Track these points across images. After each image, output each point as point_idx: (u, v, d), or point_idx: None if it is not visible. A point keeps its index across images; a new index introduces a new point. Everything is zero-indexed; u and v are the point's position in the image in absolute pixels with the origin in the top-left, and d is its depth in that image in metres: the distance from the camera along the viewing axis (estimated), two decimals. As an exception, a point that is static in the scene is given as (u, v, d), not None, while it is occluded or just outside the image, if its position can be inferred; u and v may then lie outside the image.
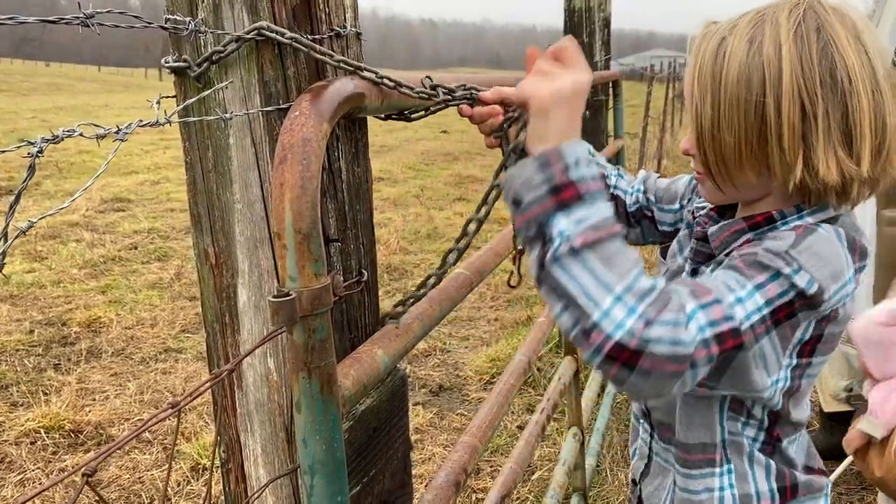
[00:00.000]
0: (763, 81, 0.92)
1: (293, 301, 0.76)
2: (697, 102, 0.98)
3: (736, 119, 0.95)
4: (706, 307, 0.85)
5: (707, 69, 0.97)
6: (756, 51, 0.93)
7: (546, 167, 0.84)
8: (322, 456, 0.84)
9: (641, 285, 0.82)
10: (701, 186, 1.09)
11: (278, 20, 0.86)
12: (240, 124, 0.89)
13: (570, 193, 0.83)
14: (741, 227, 1.04)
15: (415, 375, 4.20)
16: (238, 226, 0.94)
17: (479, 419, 1.46)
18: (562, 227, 0.82)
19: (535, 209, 0.84)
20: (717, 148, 0.98)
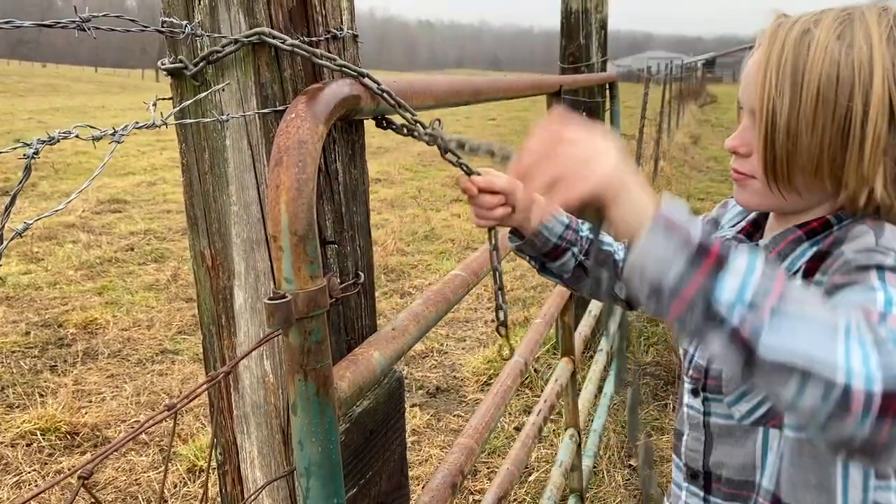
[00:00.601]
0: (852, 81, 0.84)
1: (289, 303, 0.76)
2: (772, 95, 0.88)
3: (819, 119, 0.86)
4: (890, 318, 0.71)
5: (788, 59, 0.87)
6: (847, 48, 0.85)
7: (670, 229, 0.71)
8: (318, 458, 0.84)
9: (850, 313, 0.69)
10: (740, 189, 0.99)
11: (275, 22, 0.87)
12: (236, 126, 0.89)
13: (715, 248, 0.70)
14: (797, 235, 0.95)
15: (412, 377, 4.20)
16: (234, 228, 0.94)
17: (476, 420, 1.46)
18: (731, 292, 0.68)
19: (690, 287, 0.69)
20: (791, 148, 0.88)
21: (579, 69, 3.92)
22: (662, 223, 0.72)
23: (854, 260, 0.83)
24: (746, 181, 0.97)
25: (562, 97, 2.27)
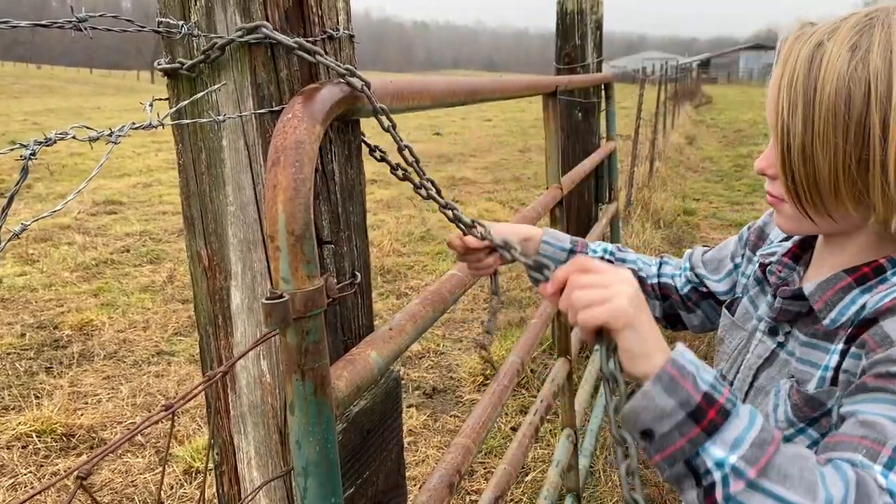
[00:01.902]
0: (867, 96, 0.79)
1: (286, 303, 0.76)
2: (785, 116, 0.84)
3: (832, 139, 0.81)
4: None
5: (799, 77, 0.83)
6: (861, 60, 0.80)
7: (674, 389, 0.73)
8: (316, 458, 0.84)
9: (832, 489, 0.69)
10: (776, 213, 0.95)
11: (271, 23, 0.87)
12: (233, 126, 0.90)
13: (713, 413, 0.72)
14: (846, 283, 0.89)
15: (408, 377, 4.20)
16: (231, 228, 0.94)
17: (473, 420, 1.46)
18: (718, 456, 0.71)
19: (679, 442, 0.72)
20: (809, 171, 0.84)
21: (575, 70, 3.92)
22: (667, 378, 0.74)
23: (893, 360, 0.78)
24: (779, 204, 0.94)
25: (558, 98, 2.27)
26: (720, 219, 8.01)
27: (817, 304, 0.91)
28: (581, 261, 0.83)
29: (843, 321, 0.89)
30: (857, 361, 0.84)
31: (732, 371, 1.06)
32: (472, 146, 15.13)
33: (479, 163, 12.58)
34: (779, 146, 0.87)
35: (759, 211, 8.19)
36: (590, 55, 3.91)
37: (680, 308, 1.24)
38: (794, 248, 1.03)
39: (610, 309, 0.78)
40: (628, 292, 0.79)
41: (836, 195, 0.84)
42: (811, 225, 0.91)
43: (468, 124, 20.47)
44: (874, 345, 0.81)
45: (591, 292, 0.79)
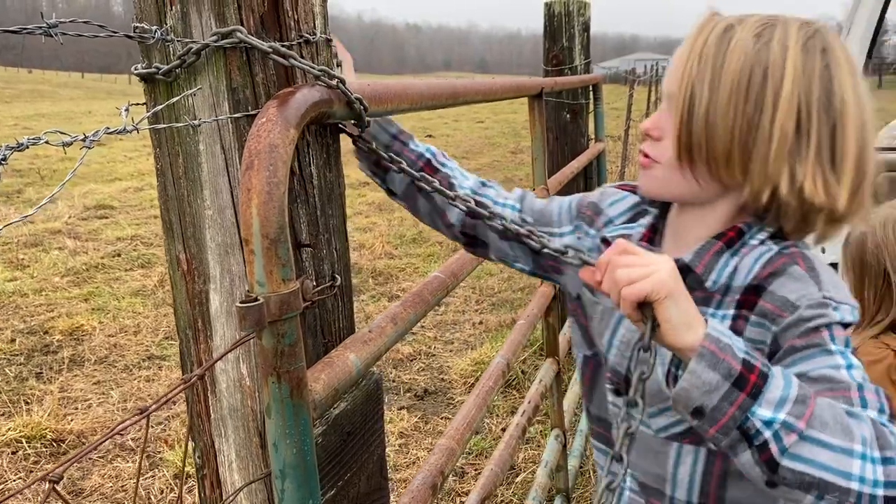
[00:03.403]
0: (765, 78, 0.89)
1: (261, 306, 0.77)
2: (693, 81, 0.92)
3: (733, 108, 0.90)
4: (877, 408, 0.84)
5: (710, 51, 0.92)
6: (763, 46, 0.90)
7: (716, 364, 0.79)
8: (293, 460, 0.84)
9: (862, 431, 0.79)
10: (645, 175, 1.02)
11: (246, 27, 0.87)
12: (209, 131, 0.90)
13: (754, 377, 0.79)
14: (718, 247, 0.98)
15: (399, 380, 4.20)
16: (209, 232, 0.94)
17: (458, 421, 1.46)
18: (767, 416, 0.78)
19: (730, 410, 0.79)
20: (708, 134, 0.92)
21: (562, 72, 3.93)
22: (708, 354, 0.79)
23: (808, 319, 0.89)
24: (651, 166, 1.01)
25: (544, 99, 2.28)
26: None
27: (699, 269, 0.97)
28: (621, 244, 0.87)
29: (722, 282, 0.97)
30: (762, 330, 0.92)
31: (606, 345, 1.10)
32: (464, 148, 15.14)
33: (471, 164, 12.59)
34: (681, 109, 0.93)
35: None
36: (577, 57, 3.93)
37: (492, 231, 1.20)
38: (647, 233, 1.09)
39: (652, 281, 0.81)
40: (667, 268, 0.83)
41: (728, 160, 0.92)
42: (678, 189, 0.99)
43: (460, 126, 20.48)
44: (778, 311, 0.91)
45: (632, 270, 0.83)
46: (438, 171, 1.22)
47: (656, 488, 1.07)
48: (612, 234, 1.12)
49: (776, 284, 0.92)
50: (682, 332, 0.81)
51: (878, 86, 42.37)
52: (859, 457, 0.78)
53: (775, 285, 0.92)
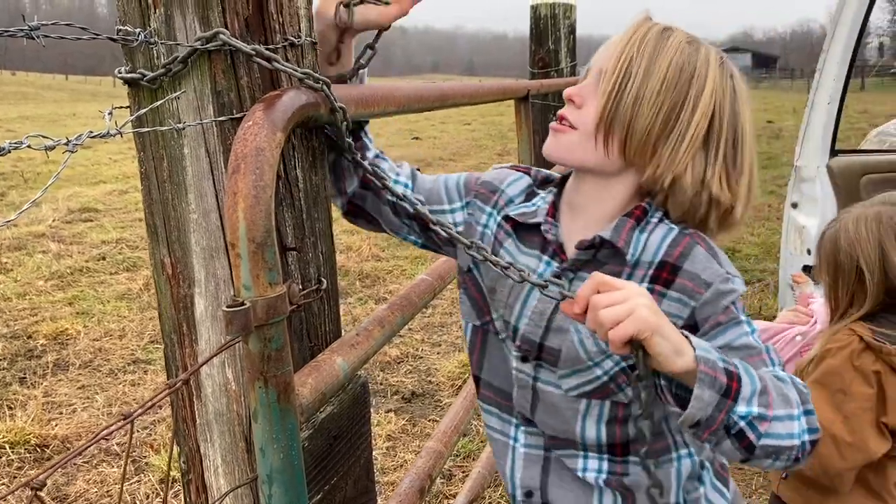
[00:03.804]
0: (691, 79, 1.02)
1: (247, 311, 0.76)
2: (630, 64, 1.02)
3: (661, 96, 1.01)
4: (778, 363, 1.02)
5: (650, 41, 1.02)
6: (693, 52, 1.03)
7: (713, 383, 0.89)
8: (280, 465, 0.84)
9: (792, 394, 0.96)
10: (556, 138, 1.08)
11: (230, 31, 0.87)
12: (194, 134, 0.89)
13: (735, 384, 0.90)
14: (631, 224, 1.07)
15: (387, 382, 4.19)
16: (194, 235, 0.93)
17: (445, 425, 1.46)
18: (742, 411, 0.90)
19: (720, 416, 0.89)
20: (633, 112, 1.02)
21: (549, 74, 3.94)
22: (707, 378, 0.88)
23: (722, 295, 1.02)
24: (566, 131, 1.07)
25: (529, 102, 2.29)
26: (697, 220, 8.09)
27: (620, 243, 1.05)
28: (596, 278, 0.90)
29: (637, 256, 1.06)
30: (681, 305, 1.03)
31: (515, 316, 1.15)
32: (451, 150, 15.15)
33: (458, 167, 12.59)
34: (614, 84, 1.02)
35: (735, 212, 8.27)
36: (563, 59, 3.94)
37: (384, 205, 1.21)
38: (550, 208, 1.15)
39: (636, 321, 0.86)
40: (645, 303, 0.88)
41: (645, 140, 1.02)
42: (584, 155, 1.06)
43: (447, 128, 20.49)
44: (696, 287, 1.02)
45: (614, 310, 0.87)
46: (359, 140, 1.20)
47: (566, 439, 1.15)
48: (515, 212, 1.17)
49: (688, 263, 1.03)
50: (673, 361, 0.88)
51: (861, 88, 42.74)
52: (797, 417, 0.94)
53: (687, 264, 1.03)
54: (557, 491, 1.18)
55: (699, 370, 0.88)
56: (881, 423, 1.49)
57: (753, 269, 6.00)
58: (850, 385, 1.50)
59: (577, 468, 1.15)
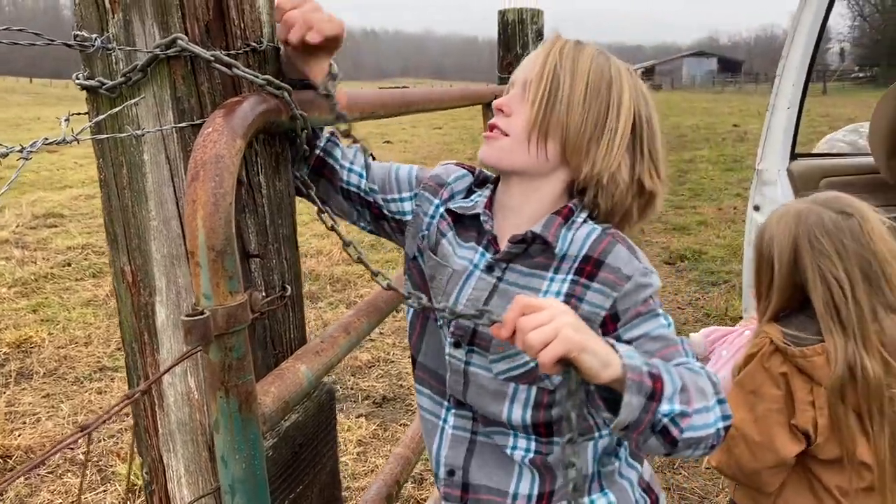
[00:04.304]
0: (610, 85, 1.11)
1: (207, 320, 0.76)
2: (556, 72, 1.10)
3: (588, 102, 1.10)
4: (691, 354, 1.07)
5: (569, 52, 1.11)
6: (606, 60, 1.13)
7: (640, 389, 0.93)
8: (242, 475, 0.83)
9: (707, 386, 1.01)
10: (490, 145, 1.15)
11: (191, 36, 0.86)
12: (154, 141, 0.88)
13: (659, 385, 0.95)
14: (559, 222, 1.13)
15: (358, 387, 4.17)
16: (154, 243, 0.92)
17: (413, 430, 1.46)
18: (666, 410, 0.95)
19: (647, 418, 0.94)
20: (566, 116, 1.09)
21: (518, 78, 3.94)
22: (634, 385, 0.92)
23: (641, 287, 1.08)
24: (499, 137, 1.14)
25: (497, 106, 2.29)
26: (664, 222, 8.14)
27: (550, 238, 1.12)
28: (520, 301, 0.93)
29: (565, 250, 1.13)
30: (604, 297, 1.08)
31: (452, 303, 1.20)
32: (422, 154, 15.15)
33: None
34: (543, 91, 1.10)
35: (703, 214, 8.36)
36: (532, 64, 3.95)
37: (336, 193, 1.26)
38: (487, 202, 1.22)
39: (563, 342, 0.89)
40: (570, 321, 0.91)
41: (578, 142, 1.10)
42: (519, 159, 1.13)
43: (418, 132, 20.48)
44: (618, 280, 1.08)
45: (542, 331, 0.90)
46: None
47: (494, 420, 1.19)
48: (455, 206, 1.24)
49: (611, 258, 1.10)
50: (602, 373, 0.92)
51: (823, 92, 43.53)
52: (713, 408, 0.99)
53: (610, 259, 1.10)
54: (478, 472, 1.23)
55: (627, 377, 0.92)
56: (792, 424, 1.49)
57: (720, 270, 6.08)
58: (761, 387, 1.51)
59: (507, 445, 1.20)
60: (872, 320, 1.44)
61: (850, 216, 1.48)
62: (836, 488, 1.49)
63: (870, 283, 1.45)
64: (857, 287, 1.45)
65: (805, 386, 1.47)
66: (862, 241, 1.46)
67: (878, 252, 1.45)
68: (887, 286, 1.45)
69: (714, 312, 5.05)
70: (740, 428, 1.51)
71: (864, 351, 1.42)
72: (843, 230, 1.47)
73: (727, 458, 1.55)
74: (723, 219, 8.04)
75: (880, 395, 1.42)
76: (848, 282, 1.45)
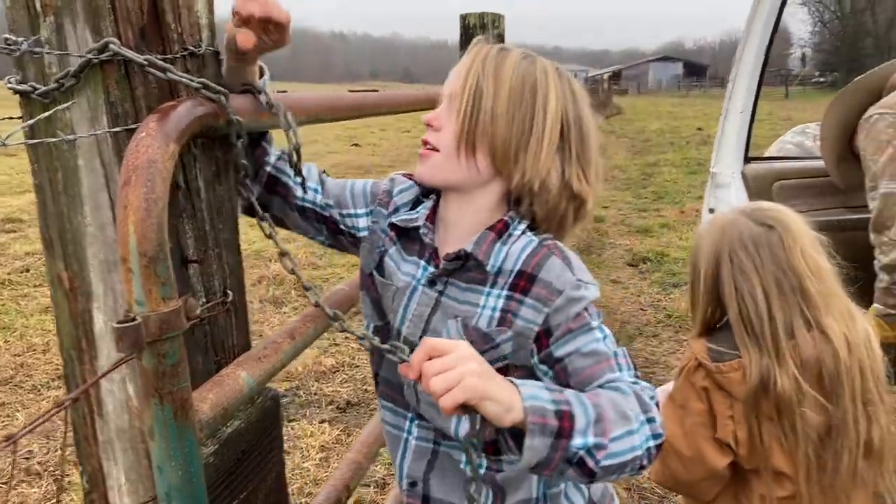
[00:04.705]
0: (534, 90, 1.09)
1: (138, 327, 0.75)
2: (479, 83, 1.08)
3: (513, 110, 1.08)
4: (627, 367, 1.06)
5: (491, 61, 1.09)
6: (530, 65, 1.10)
7: (543, 431, 0.91)
8: (178, 482, 0.82)
9: (632, 407, 0.98)
10: (423, 163, 1.15)
11: (124, 40, 0.85)
12: (88, 146, 0.87)
13: (567, 423, 0.92)
14: (492, 237, 1.13)
15: (321, 392, 4.15)
16: (90, 249, 0.91)
17: (366, 435, 1.46)
18: (579, 443, 0.93)
19: (557, 456, 0.92)
20: (492, 127, 1.08)
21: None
22: (537, 429, 0.91)
23: (572, 301, 1.06)
24: (430, 154, 1.14)
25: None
26: (628, 225, 8.23)
27: (480, 255, 1.11)
28: (427, 344, 0.93)
29: (498, 266, 1.12)
30: (536, 312, 1.08)
31: (399, 320, 1.20)
32: (391, 157, 15.13)
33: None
34: (468, 103, 1.09)
35: (666, 217, 8.46)
36: (493, 68, 3.96)
37: (291, 210, 1.27)
38: (430, 214, 1.21)
39: (464, 390, 0.89)
40: (473, 369, 0.90)
41: (506, 151, 1.09)
42: (453, 175, 1.13)
43: (387, 135, 20.45)
44: (549, 295, 1.07)
45: (444, 378, 0.90)
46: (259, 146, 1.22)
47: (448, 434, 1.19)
48: (398, 219, 1.23)
49: (543, 272, 1.09)
50: (504, 418, 0.91)
51: (786, 96, 44.30)
52: (637, 430, 0.97)
53: (543, 273, 1.09)
54: (438, 484, 1.24)
55: (528, 421, 0.91)
56: (715, 438, 1.48)
57: (681, 272, 6.15)
58: (688, 401, 1.51)
59: (462, 460, 1.20)
60: (788, 336, 1.42)
61: (771, 229, 1.46)
62: (758, 498, 1.49)
63: (786, 298, 1.43)
64: (773, 303, 1.43)
65: (724, 400, 1.47)
66: (780, 255, 1.44)
67: (796, 267, 1.43)
68: (804, 302, 1.43)
69: (675, 313, 5.11)
70: (672, 442, 1.51)
71: (777, 366, 1.40)
72: (761, 244, 1.45)
73: (663, 471, 1.56)
74: (685, 221, 8.14)
75: (791, 411, 1.40)
76: (763, 297, 1.43)
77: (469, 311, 1.13)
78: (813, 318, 1.43)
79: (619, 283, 6.06)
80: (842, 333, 1.43)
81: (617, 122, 27.42)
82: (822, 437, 1.42)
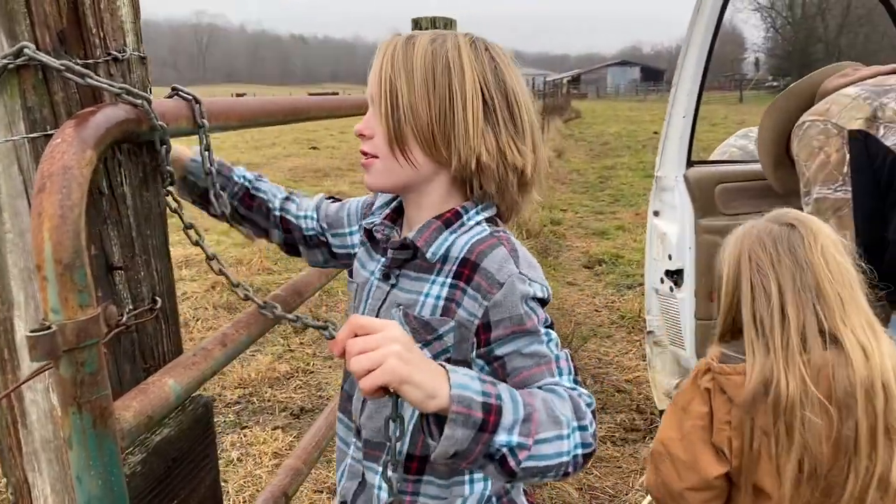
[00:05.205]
0: (447, 70, 1.06)
1: (52, 335, 0.74)
2: (391, 80, 1.07)
3: (430, 97, 1.06)
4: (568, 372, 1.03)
5: (399, 54, 1.07)
6: (439, 46, 1.07)
7: (466, 421, 0.88)
8: (99, 492, 0.81)
9: (565, 412, 0.95)
10: (367, 173, 1.15)
11: (42, 45, 0.84)
12: (6, 151, 0.86)
13: (493, 417, 0.89)
14: (437, 226, 1.12)
15: (275, 399, 4.11)
16: (10, 256, 0.90)
17: (306, 441, 1.45)
18: (503, 440, 0.90)
19: (477, 449, 0.89)
20: (413, 121, 1.06)
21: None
22: (460, 418, 0.87)
23: (513, 296, 1.03)
24: (371, 162, 1.13)
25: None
26: (585, 228, 8.33)
27: (419, 243, 1.11)
28: (354, 323, 0.90)
29: (440, 254, 1.11)
30: (476, 304, 1.05)
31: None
32: (350, 160, 15.06)
33: (357, 177, 12.53)
34: (386, 103, 1.07)
35: (621, 219, 8.57)
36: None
37: (301, 244, 1.36)
38: (390, 213, 1.23)
39: (384, 373, 0.86)
40: (396, 351, 0.87)
41: (434, 139, 1.07)
42: (397, 178, 1.12)
43: (346, 138, 20.35)
44: (489, 287, 1.04)
45: (366, 358, 0.87)
46: (255, 198, 1.31)
47: (378, 441, 1.18)
48: (366, 223, 1.26)
49: (486, 262, 1.06)
50: (427, 404, 0.88)
51: (740, 100, 45.20)
52: (567, 437, 0.94)
53: (485, 262, 1.06)
54: None
55: (451, 410, 0.87)
56: (713, 443, 1.44)
57: (636, 273, 6.24)
58: (690, 403, 1.48)
59: (375, 484, 1.18)
60: (800, 345, 1.36)
61: (793, 228, 1.42)
62: None
63: (800, 296, 1.37)
64: (787, 300, 1.37)
65: (724, 405, 1.42)
66: (799, 252, 1.39)
67: (814, 264, 1.38)
68: (820, 303, 1.37)
69: (629, 314, 5.17)
70: (668, 446, 1.47)
71: (784, 368, 1.35)
72: (781, 241, 1.41)
73: (655, 478, 1.51)
74: (640, 224, 8.25)
75: (792, 415, 1.33)
76: (778, 294, 1.38)
77: (413, 299, 1.12)
78: (828, 322, 1.37)
79: (575, 284, 6.12)
80: (858, 343, 1.35)
81: (576, 125, 27.69)
82: (827, 453, 1.35)
